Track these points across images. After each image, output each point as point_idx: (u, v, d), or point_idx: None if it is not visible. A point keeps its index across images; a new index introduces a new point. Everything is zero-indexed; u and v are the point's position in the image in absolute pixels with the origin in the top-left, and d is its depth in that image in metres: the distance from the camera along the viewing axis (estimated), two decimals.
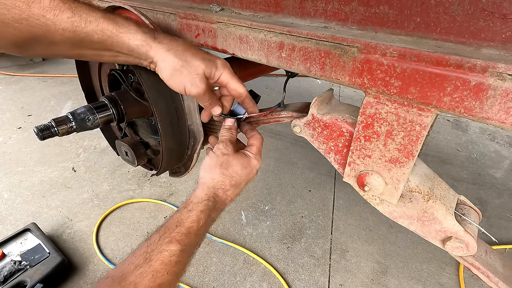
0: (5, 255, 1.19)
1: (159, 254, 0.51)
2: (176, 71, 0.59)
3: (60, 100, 2.62)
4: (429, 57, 0.43)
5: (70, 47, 0.57)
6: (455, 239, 0.56)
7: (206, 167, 0.67)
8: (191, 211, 0.59)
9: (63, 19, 0.52)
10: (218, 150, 0.68)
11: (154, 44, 0.58)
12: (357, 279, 1.27)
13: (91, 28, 0.54)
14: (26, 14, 0.49)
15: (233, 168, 0.67)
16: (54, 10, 0.51)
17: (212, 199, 0.63)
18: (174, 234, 0.54)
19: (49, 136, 0.69)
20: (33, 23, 0.50)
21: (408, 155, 0.53)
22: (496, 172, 1.94)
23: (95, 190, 1.68)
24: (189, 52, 0.60)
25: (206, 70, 0.61)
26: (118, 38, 0.57)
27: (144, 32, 0.58)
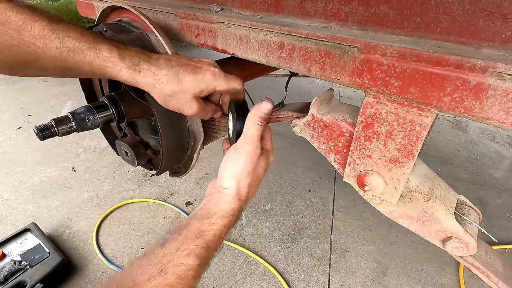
0: (5, 255, 1.19)
1: (175, 267, 0.48)
2: (167, 99, 0.61)
3: (60, 100, 2.62)
4: (429, 57, 0.43)
5: (62, 72, 0.58)
6: (455, 239, 0.56)
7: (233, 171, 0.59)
8: (215, 224, 0.55)
9: (52, 48, 0.52)
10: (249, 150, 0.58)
11: (139, 79, 0.59)
12: (357, 279, 1.27)
13: (79, 59, 0.55)
14: (17, 41, 0.50)
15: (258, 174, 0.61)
16: (44, 39, 0.51)
17: (237, 213, 0.58)
18: (193, 246, 0.51)
19: (49, 136, 0.69)
20: (24, 50, 0.51)
21: (408, 155, 0.53)
22: (496, 172, 1.94)
23: (95, 190, 1.68)
24: (174, 79, 0.59)
25: (196, 91, 0.60)
26: (106, 71, 0.58)
27: (128, 67, 0.58)
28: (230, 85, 0.64)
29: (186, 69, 0.60)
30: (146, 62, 0.59)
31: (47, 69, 0.55)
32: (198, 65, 0.62)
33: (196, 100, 0.62)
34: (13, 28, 0.49)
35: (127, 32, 0.80)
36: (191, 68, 0.61)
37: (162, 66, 0.59)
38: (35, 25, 0.51)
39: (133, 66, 0.58)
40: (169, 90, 0.59)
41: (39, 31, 0.51)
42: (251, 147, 0.58)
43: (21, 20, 0.49)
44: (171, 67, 0.59)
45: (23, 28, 0.50)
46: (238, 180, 0.58)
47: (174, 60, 0.61)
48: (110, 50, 0.57)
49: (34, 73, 0.58)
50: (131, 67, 0.58)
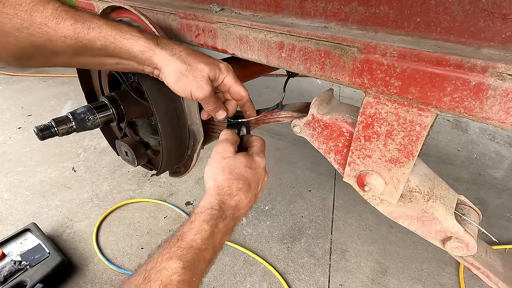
0: (5, 255, 1.19)
1: (158, 273, 0.46)
2: (181, 75, 0.59)
3: (60, 100, 2.62)
4: (429, 57, 0.43)
5: (71, 56, 0.57)
6: (455, 239, 0.56)
7: (208, 175, 0.63)
8: (193, 222, 0.54)
9: (66, 26, 0.52)
10: (217, 154, 0.64)
11: (157, 50, 0.58)
12: (357, 279, 1.27)
13: (94, 35, 0.54)
14: (28, 23, 0.49)
15: (236, 170, 0.62)
16: (57, 18, 0.51)
17: (217, 207, 0.57)
18: (174, 249, 0.49)
19: (49, 136, 0.69)
20: (35, 32, 0.50)
21: (408, 155, 0.53)
22: (496, 172, 1.94)
23: (95, 190, 1.68)
24: (192, 57, 0.60)
25: (211, 73, 0.61)
26: (121, 44, 0.56)
27: (147, 38, 0.58)
28: (237, 84, 0.65)
29: (202, 53, 0.62)
30: (165, 40, 0.61)
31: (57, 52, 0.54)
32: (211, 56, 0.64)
33: (210, 83, 0.61)
34: (24, 10, 0.48)
35: None
36: (206, 55, 0.63)
37: (180, 45, 0.61)
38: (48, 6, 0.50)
39: (152, 38, 0.58)
40: (185, 65, 0.58)
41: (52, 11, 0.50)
42: (218, 149, 0.65)
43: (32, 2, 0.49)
44: (189, 48, 0.61)
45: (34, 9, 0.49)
46: (214, 176, 0.62)
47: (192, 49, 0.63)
48: (129, 26, 0.58)
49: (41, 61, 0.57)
50: (150, 38, 0.58)
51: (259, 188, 0.68)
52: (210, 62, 0.61)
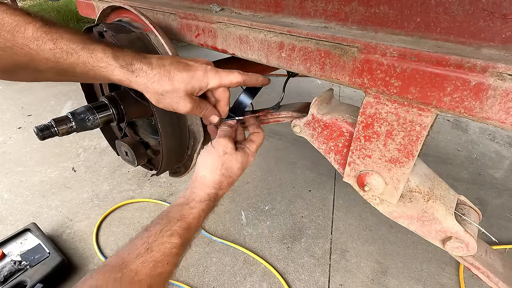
0: (5, 255, 1.19)
1: (160, 245, 0.53)
2: (159, 98, 0.61)
3: (60, 100, 2.62)
4: (429, 57, 0.43)
5: (55, 75, 0.58)
6: (455, 239, 0.56)
7: (208, 166, 0.67)
8: (193, 208, 0.61)
9: (46, 49, 0.53)
10: (220, 147, 0.68)
11: (132, 78, 0.59)
12: (357, 279, 1.27)
13: (73, 60, 0.55)
14: (11, 43, 0.50)
15: (231, 168, 0.68)
16: (37, 40, 0.52)
17: (213, 198, 0.65)
18: (175, 227, 0.57)
19: (49, 136, 0.69)
20: (18, 52, 0.51)
21: (408, 155, 0.53)
22: (496, 172, 1.94)
23: (95, 190, 1.68)
24: (166, 77, 0.60)
25: (188, 88, 0.61)
26: (99, 72, 0.58)
27: (121, 67, 0.58)
28: (223, 81, 0.64)
29: (178, 67, 0.61)
30: (138, 62, 0.59)
31: (40, 71, 0.55)
32: (190, 63, 0.63)
33: (189, 98, 0.62)
34: (6, 30, 0.49)
35: (127, 32, 0.80)
36: (182, 66, 0.61)
37: (154, 65, 0.60)
38: (29, 27, 0.51)
39: (126, 65, 0.58)
40: (161, 89, 0.60)
41: (32, 32, 0.51)
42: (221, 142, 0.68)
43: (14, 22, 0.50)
44: (163, 66, 0.60)
45: (16, 30, 0.50)
46: (212, 168, 0.67)
47: (167, 59, 0.62)
48: (104, 51, 0.57)
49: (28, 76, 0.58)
50: (124, 66, 0.58)
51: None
52: (186, 76, 0.61)
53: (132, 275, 0.48)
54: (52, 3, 5.11)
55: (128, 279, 0.48)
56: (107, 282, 0.46)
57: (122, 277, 0.47)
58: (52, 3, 5.11)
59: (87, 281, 0.46)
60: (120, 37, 0.76)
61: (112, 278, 0.47)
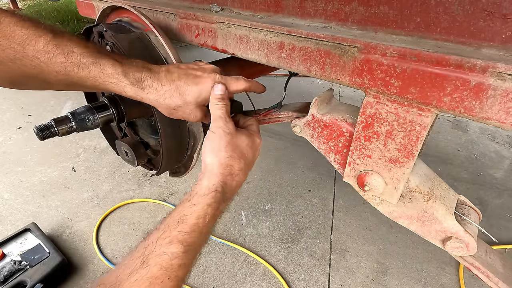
0: (5, 255, 1.19)
1: (157, 257, 0.45)
2: (172, 112, 0.63)
3: (60, 100, 2.61)
4: (429, 57, 0.43)
5: (64, 86, 0.59)
6: (455, 239, 0.56)
7: (210, 151, 0.58)
8: (196, 205, 0.51)
9: (56, 63, 0.53)
10: (219, 129, 0.58)
11: (144, 96, 0.61)
12: (357, 279, 1.27)
13: (83, 74, 0.56)
14: (21, 55, 0.50)
15: (240, 148, 0.59)
16: (48, 53, 0.52)
17: (221, 189, 0.54)
18: (175, 233, 0.47)
19: (49, 136, 0.69)
20: (27, 64, 0.51)
21: (408, 155, 0.53)
22: (496, 172, 1.94)
23: (95, 190, 1.68)
24: (177, 93, 0.61)
25: (198, 101, 0.63)
26: (110, 87, 0.59)
27: (132, 85, 0.59)
28: (231, 88, 0.65)
29: (187, 81, 0.62)
30: (148, 78, 0.60)
31: (50, 82, 0.56)
32: (199, 74, 0.63)
33: (200, 109, 0.64)
34: (17, 42, 0.49)
35: (127, 32, 0.80)
36: (191, 78, 0.62)
37: (163, 81, 0.61)
38: (40, 40, 0.51)
39: (136, 83, 0.59)
40: (173, 104, 0.61)
41: (43, 46, 0.51)
42: (219, 124, 0.59)
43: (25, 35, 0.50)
44: (172, 82, 0.61)
45: (27, 42, 0.50)
46: (216, 152, 0.57)
47: (175, 72, 0.62)
48: (114, 66, 0.58)
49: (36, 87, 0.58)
50: (135, 84, 0.59)
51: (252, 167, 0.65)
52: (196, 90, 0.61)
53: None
54: (52, 3, 5.11)
55: None
56: None
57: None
58: (52, 3, 5.11)
59: None
60: (120, 37, 0.76)
61: None
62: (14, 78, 0.54)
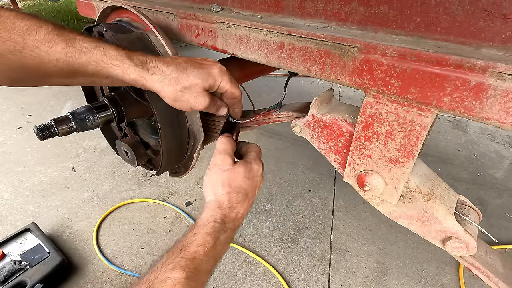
0: (5, 255, 1.19)
1: (161, 283, 0.47)
2: (177, 96, 0.61)
3: (60, 100, 2.62)
4: (429, 57, 0.43)
5: (64, 78, 0.58)
6: (455, 239, 0.56)
7: (209, 188, 0.64)
8: (197, 234, 0.55)
9: (57, 50, 0.52)
10: (216, 167, 0.64)
11: (148, 77, 0.59)
12: (357, 279, 1.27)
13: (85, 59, 0.55)
14: (21, 46, 0.50)
15: (235, 184, 0.63)
16: (49, 42, 0.52)
17: (220, 220, 0.59)
18: (177, 259, 0.51)
19: (49, 136, 0.69)
20: (27, 55, 0.51)
21: (408, 155, 0.53)
22: (496, 172, 1.94)
23: (95, 190, 1.68)
24: (183, 74, 0.60)
25: (205, 84, 0.62)
26: (112, 70, 0.57)
27: (136, 65, 0.58)
28: (232, 87, 0.66)
29: (193, 64, 0.62)
30: (153, 60, 0.59)
31: (49, 74, 0.55)
32: (204, 62, 0.64)
33: (206, 94, 0.63)
34: (17, 34, 0.49)
35: (127, 32, 0.80)
36: (198, 64, 0.62)
37: (169, 63, 0.60)
38: (41, 30, 0.51)
39: (141, 64, 0.58)
40: (180, 85, 0.60)
41: (44, 35, 0.51)
42: (217, 161, 0.65)
43: (26, 26, 0.50)
44: (178, 64, 0.61)
45: (28, 33, 0.50)
46: (214, 190, 0.63)
47: (181, 58, 0.63)
48: (117, 50, 0.57)
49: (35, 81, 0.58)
50: (139, 65, 0.58)
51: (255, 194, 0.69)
52: (203, 73, 0.61)
53: None
54: (52, 3, 5.11)
55: None
56: None
57: None
58: (52, 3, 5.11)
59: None
60: (120, 37, 0.76)
61: None
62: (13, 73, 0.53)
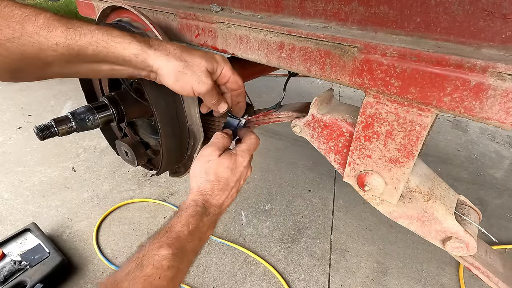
0: (5, 255, 1.19)
1: (150, 259, 0.51)
2: (180, 74, 0.59)
3: (60, 100, 2.62)
4: (429, 57, 0.43)
5: (63, 65, 0.56)
6: (455, 239, 0.56)
7: (192, 174, 0.69)
8: (180, 216, 0.60)
9: (57, 33, 0.52)
10: (203, 157, 0.69)
11: (151, 52, 0.57)
12: (357, 279, 1.27)
13: (85, 40, 0.54)
14: (19, 33, 0.49)
15: (217, 173, 0.67)
16: (48, 27, 0.51)
17: (201, 204, 0.63)
18: (163, 238, 0.55)
19: (49, 136, 0.69)
20: (26, 41, 0.50)
21: (408, 155, 0.53)
22: (496, 172, 1.94)
23: (95, 190, 1.68)
24: (187, 53, 0.60)
25: (209, 66, 0.61)
26: (113, 49, 0.56)
27: (138, 41, 0.57)
28: (235, 74, 0.66)
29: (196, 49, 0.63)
30: (156, 40, 0.60)
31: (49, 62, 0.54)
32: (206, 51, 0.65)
33: (210, 76, 0.62)
34: (16, 21, 0.49)
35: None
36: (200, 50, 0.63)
37: (173, 43, 0.61)
38: (40, 16, 0.50)
39: (144, 41, 0.58)
40: (182, 63, 0.58)
41: (44, 21, 0.50)
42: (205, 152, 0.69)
43: (24, 14, 0.49)
44: (182, 46, 0.61)
45: (26, 20, 0.49)
46: (197, 178, 0.67)
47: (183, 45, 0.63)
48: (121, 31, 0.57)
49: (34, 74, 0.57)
50: (142, 41, 0.57)
51: (240, 183, 0.72)
52: (206, 55, 0.62)
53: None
54: (52, 3, 5.11)
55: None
56: None
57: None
58: (52, 3, 5.11)
59: None
60: None
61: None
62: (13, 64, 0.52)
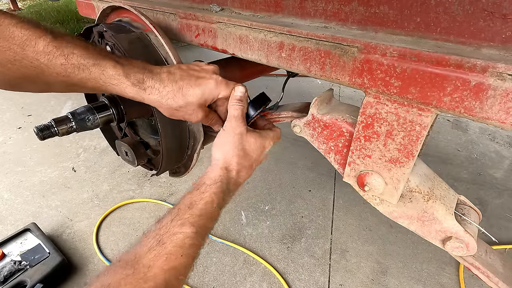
0: (5, 255, 1.19)
1: (172, 236, 0.50)
2: (173, 113, 0.64)
3: (60, 100, 2.61)
4: (429, 57, 0.43)
5: (64, 88, 0.59)
6: (455, 239, 0.56)
7: (218, 147, 0.65)
8: (204, 193, 0.58)
9: (57, 64, 0.53)
10: (231, 128, 0.65)
11: (145, 96, 0.61)
12: (357, 279, 1.27)
13: (84, 76, 0.56)
14: (20, 56, 0.50)
15: (246, 148, 0.65)
16: (48, 55, 0.52)
17: (226, 181, 0.61)
18: (187, 216, 0.54)
19: (49, 136, 0.69)
20: (27, 65, 0.51)
21: (408, 155, 0.53)
22: (496, 172, 1.94)
23: (95, 190, 1.68)
24: (179, 94, 0.61)
25: (200, 101, 0.63)
26: (111, 88, 0.59)
27: (133, 86, 0.59)
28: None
29: (189, 82, 0.62)
30: (150, 79, 0.60)
31: (50, 84, 0.56)
32: (201, 75, 0.64)
33: (201, 109, 0.65)
34: (17, 44, 0.50)
35: (127, 32, 0.80)
36: (193, 79, 0.63)
37: (165, 82, 0.61)
38: (39, 41, 0.51)
39: (138, 84, 0.60)
40: (176, 105, 0.62)
41: (43, 47, 0.51)
42: (231, 124, 0.65)
43: (25, 36, 0.50)
44: (175, 83, 0.62)
45: (27, 44, 0.50)
46: (224, 152, 0.64)
47: (177, 73, 0.63)
48: (115, 68, 0.58)
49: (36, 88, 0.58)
50: (136, 84, 0.60)
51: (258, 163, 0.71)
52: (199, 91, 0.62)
53: (144, 270, 0.46)
54: (52, 3, 5.11)
55: (140, 275, 0.45)
56: (119, 279, 0.44)
57: (134, 273, 0.45)
58: (52, 3, 5.11)
59: (100, 278, 0.45)
60: (120, 37, 0.76)
61: (124, 275, 0.45)
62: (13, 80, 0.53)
